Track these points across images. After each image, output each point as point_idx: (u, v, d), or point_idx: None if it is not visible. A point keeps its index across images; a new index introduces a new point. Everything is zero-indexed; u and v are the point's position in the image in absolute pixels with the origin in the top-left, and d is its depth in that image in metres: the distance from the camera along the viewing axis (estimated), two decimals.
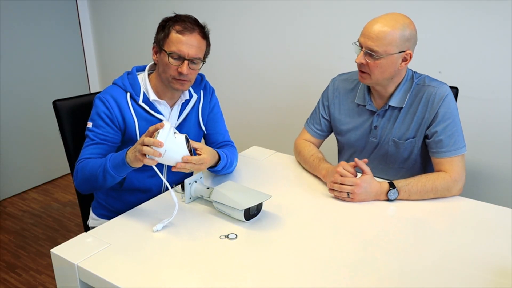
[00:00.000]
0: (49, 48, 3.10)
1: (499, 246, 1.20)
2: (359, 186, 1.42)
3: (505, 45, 1.89)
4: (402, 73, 1.53)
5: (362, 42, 1.45)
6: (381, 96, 1.58)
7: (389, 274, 1.08)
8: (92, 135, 1.44)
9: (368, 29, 1.43)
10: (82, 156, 1.44)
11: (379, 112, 1.58)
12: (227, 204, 1.30)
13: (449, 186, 1.44)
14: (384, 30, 1.40)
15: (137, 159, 1.24)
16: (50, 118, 1.83)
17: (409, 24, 1.43)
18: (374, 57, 1.43)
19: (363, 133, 1.64)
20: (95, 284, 1.09)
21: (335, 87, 1.69)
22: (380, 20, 1.42)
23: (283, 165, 1.71)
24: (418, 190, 1.42)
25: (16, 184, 3.08)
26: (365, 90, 1.61)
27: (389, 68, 1.45)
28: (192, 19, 1.44)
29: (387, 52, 1.42)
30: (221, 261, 1.13)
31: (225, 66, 2.74)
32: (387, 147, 1.60)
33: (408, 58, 1.46)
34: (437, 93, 1.49)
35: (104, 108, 1.45)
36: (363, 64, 1.47)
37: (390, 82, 1.52)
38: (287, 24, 2.45)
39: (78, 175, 1.42)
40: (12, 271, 2.30)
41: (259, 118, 2.72)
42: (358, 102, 1.62)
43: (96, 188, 1.43)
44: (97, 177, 1.35)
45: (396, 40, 1.41)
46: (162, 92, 1.51)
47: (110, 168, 1.32)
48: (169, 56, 1.40)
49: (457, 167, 1.47)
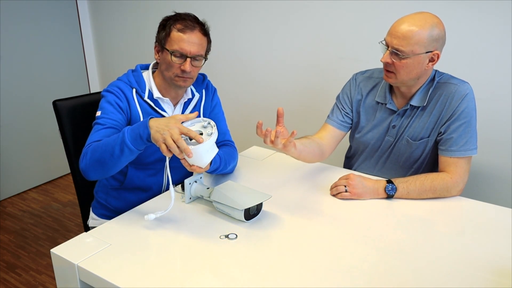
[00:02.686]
0: (49, 48, 3.10)
1: (499, 246, 1.20)
2: (352, 179, 1.42)
3: (505, 45, 1.89)
4: (428, 74, 1.50)
5: (389, 41, 1.42)
6: (404, 96, 1.55)
7: (389, 274, 1.08)
8: (102, 120, 1.40)
9: (396, 28, 1.40)
10: (91, 139, 1.36)
11: (399, 111, 1.56)
12: (227, 204, 1.30)
13: (448, 187, 1.43)
14: (411, 30, 1.37)
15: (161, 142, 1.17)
16: (50, 118, 1.83)
17: (437, 23, 1.39)
18: (400, 57, 1.40)
19: (380, 131, 1.61)
20: (95, 284, 1.09)
21: (357, 83, 1.66)
22: (408, 19, 1.39)
23: (283, 165, 1.71)
24: (416, 188, 1.42)
25: (16, 184, 3.08)
26: (386, 88, 1.58)
27: (416, 68, 1.42)
28: (192, 17, 1.45)
29: (414, 52, 1.38)
30: (221, 261, 1.13)
31: (225, 66, 2.74)
32: (400, 145, 1.59)
33: (435, 58, 1.42)
34: (457, 91, 1.46)
35: (113, 96, 1.45)
36: (388, 64, 1.44)
37: (416, 83, 1.49)
38: (288, 23, 2.45)
39: (88, 156, 1.32)
40: (12, 271, 2.30)
41: (260, 118, 2.70)
42: (378, 100, 1.60)
43: (106, 170, 1.32)
44: (113, 152, 1.26)
45: (423, 40, 1.37)
46: (165, 90, 1.52)
47: (129, 140, 1.23)
48: (171, 54, 1.41)
49: (460, 169, 1.45)
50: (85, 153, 1.34)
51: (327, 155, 1.65)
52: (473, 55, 1.98)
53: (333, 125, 1.67)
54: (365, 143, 1.67)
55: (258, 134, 1.34)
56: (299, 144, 1.45)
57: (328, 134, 1.66)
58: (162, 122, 1.19)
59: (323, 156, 1.63)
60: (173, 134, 1.16)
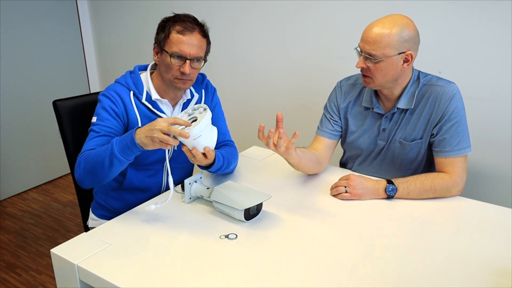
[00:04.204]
0: (49, 48, 3.10)
1: (499, 246, 1.20)
2: (352, 179, 1.42)
3: (505, 45, 1.89)
4: (407, 74, 1.51)
5: (362, 46, 1.45)
6: (388, 99, 1.56)
7: (389, 274, 1.08)
8: (97, 128, 1.42)
9: (366, 33, 1.43)
10: (85, 148, 1.39)
11: (387, 114, 1.57)
12: (227, 204, 1.30)
13: (448, 187, 1.44)
14: (381, 33, 1.39)
15: (153, 145, 1.22)
16: (50, 118, 1.83)
17: (407, 24, 1.41)
18: (373, 61, 1.42)
19: (372, 136, 1.62)
20: (95, 284, 1.09)
21: (343, 91, 1.67)
22: (377, 24, 1.41)
23: (283, 165, 1.70)
24: (416, 188, 1.42)
25: (16, 184, 3.08)
26: (372, 93, 1.59)
27: (391, 70, 1.44)
28: (191, 18, 1.44)
29: (386, 55, 1.40)
30: (221, 261, 1.13)
31: (225, 66, 2.74)
32: (394, 148, 1.59)
33: (409, 59, 1.44)
34: (444, 92, 1.47)
35: (109, 102, 1.45)
36: (364, 69, 1.46)
37: (395, 84, 1.50)
38: (288, 23, 2.45)
39: (81, 166, 1.36)
40: (12, 271, 2.30)
41: (260, 118, 2.72)
42: (365, 105, 1.61)
43: (99, 179, 1.36)
44: (103, 163, 1.29)
45: (393, 42, 1.39)
46: (164, 91, 1.51)
47: (117, 151, 1.27)
48: (170, 56, 1.41)
49: (458, 168, 1.46)
50: (78, 163, 1.38)
51: (324, 165, 1.66)
52: (473, 55, 1.98)
53: (324, 136, 1.69)
54: (358, 149, 1.68)
55: (260, 138, 1.34)
56: (298, 151, 1.46)
57: (321, 145, 1.67)
58: (146, 127, 1.24)
59: (321, 166, 1.64)
60: (160, 128, 1.20)
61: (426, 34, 2.05)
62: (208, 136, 1.28)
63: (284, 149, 1.35)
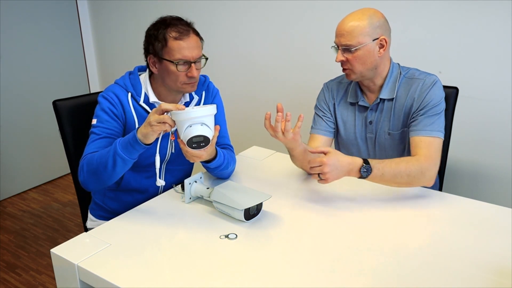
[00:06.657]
0: (49, 48, 3.10)
1: (499, 246, 1.20)
2: (327, 165, 1.35)
3: (505, 45, 1.89)
4: (385, 63, 1.56)
5: (337, 42, 1.52)
6: (371, 90, 1.61)
7: (389, 273, 1.08)
8: (98, 130, 1.43)
9: (339, 28, 1.51)
10: (87, 151, 1.41)
11: (372, 106, 1.60)
12: (227, 204, 1.30)
13: (422, 169, 1.42)
14: (352, 24, 1.47)
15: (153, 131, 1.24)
16: (50, 118, 1.83)
17: (374, 12, 1.50)
18: (351, 51, 1.48)
19: (361, 130, 1.65)
20: (95, 284, 1.09)
21: (330, 89, 1.71)
22: (347, 18, 1.50)
23: (283, 165, 1.71)
24: (391, 170, 1.40)
25: (16, 184, 3.08)
26: (356, 88, 1.64)
27: (368, 57, 1.50)
28: (179, 19, 1.44)
29: (361, 43, 1.47)
30: (221, 261, 1.13)
31: (225, 66, 2.74)
32: (383, 140, 1.62)
33: (384, 44, 1.50)
34: (425, 82, 1.53)
35: (108, 103, 1.45)
36: (343, 61, 1.52)
37: (375, 74, 1.55)
38: (288, 23, 2.45)
39: (84, 169, 1.38)
40: (12, 271, 2.30)
41: (260, 118, 2.71)
42: (350, 100, 1.65)
43: (103, 181, 1.38)
44: (106, 164, 1.32)
45: (366, 30, 1.47)
46: (163, 95, 1.51)
47: (120, 150, 1.30)
48: (176, 64, 1.40)
49: (432, 152, 1.46)
50: (81, 166, 1.39)
51: None
52: (473, 55, 1.98)
53: (319, 133, 1.70)
54: (350, 145, 1.69)
55: (267, 127, 1.39)
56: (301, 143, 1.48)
57: (318, 143, 1.68)
58: (144, 123, 1.28)
59: None
60: (155, 112, 1.24)
61: (426, 34, 2.06)
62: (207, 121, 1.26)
63: (291, 135, 1.39)
